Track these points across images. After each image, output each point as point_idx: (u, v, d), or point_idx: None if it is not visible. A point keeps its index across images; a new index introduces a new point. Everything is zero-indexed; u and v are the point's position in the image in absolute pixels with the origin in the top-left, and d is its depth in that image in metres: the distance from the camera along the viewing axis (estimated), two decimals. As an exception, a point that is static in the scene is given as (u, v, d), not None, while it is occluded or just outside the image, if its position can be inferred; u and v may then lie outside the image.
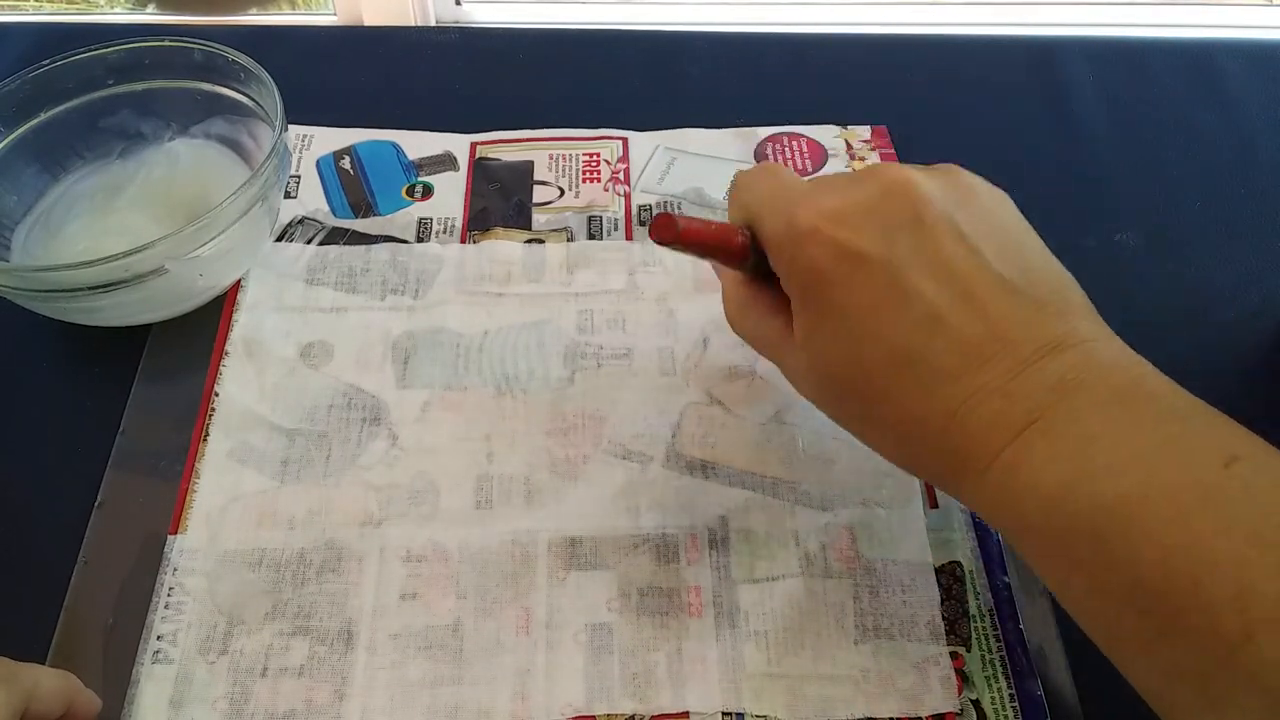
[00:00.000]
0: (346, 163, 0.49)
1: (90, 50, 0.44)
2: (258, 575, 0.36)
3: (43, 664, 0.34)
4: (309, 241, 0.46)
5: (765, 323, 0.29)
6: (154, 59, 0.45)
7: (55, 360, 0.42)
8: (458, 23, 0.96)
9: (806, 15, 0.90)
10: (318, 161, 0.49)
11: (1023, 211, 0.51)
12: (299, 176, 0.48)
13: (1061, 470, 0.24)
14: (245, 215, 0.39)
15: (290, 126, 0.46)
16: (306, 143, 0.50)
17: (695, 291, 0.44)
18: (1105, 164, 0.50)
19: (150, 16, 1.09)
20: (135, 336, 0.42)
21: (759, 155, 0.49)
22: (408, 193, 0.48)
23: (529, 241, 0.46)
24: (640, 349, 0.42)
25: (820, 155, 0.50)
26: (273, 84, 0.42)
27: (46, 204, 0.44)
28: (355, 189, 0.48)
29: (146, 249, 0.36)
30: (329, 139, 0.50)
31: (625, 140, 0.50)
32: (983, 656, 0.34)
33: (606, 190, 0.48)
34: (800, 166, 0.49)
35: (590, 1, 0.97)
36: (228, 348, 0.42)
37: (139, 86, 0.45)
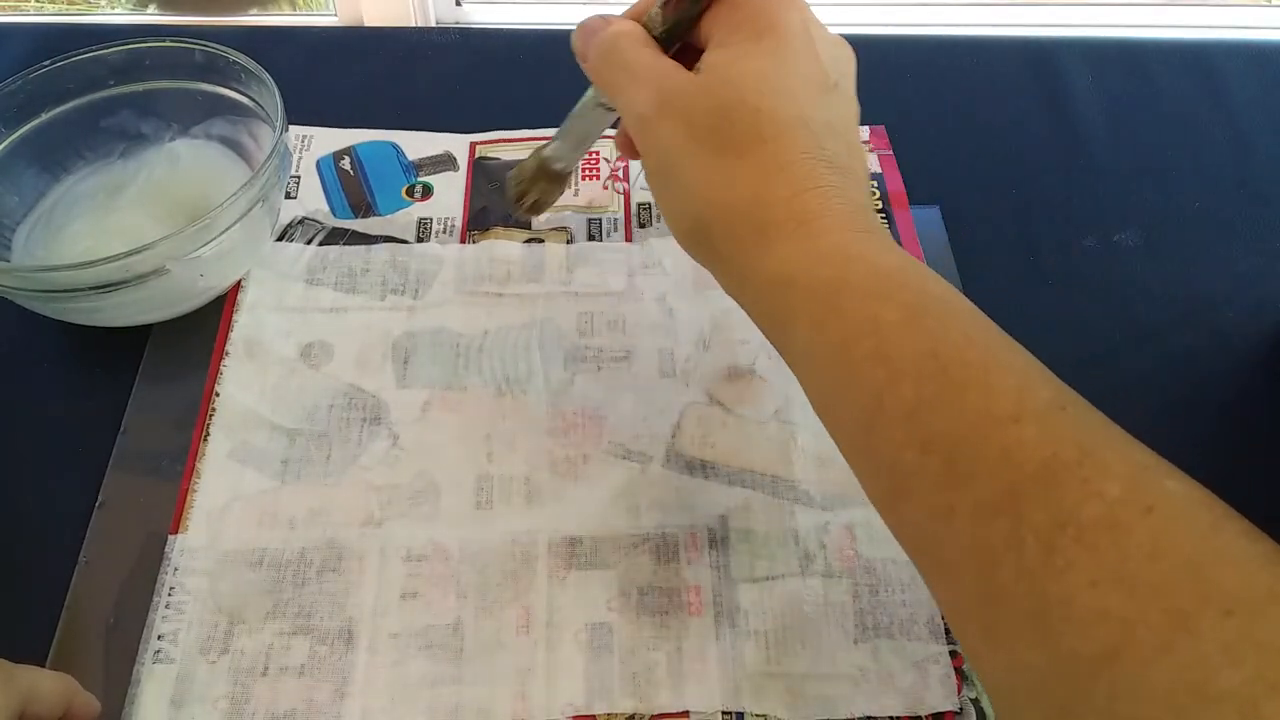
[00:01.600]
0: (346, 163, 0.49)
1: (91, 51, 0.44)
2: (258, 575, 0.36)
3: (44, 664, 0.34)
4: (309, 242, 0.46)
5: (659, 58, 0.33)
6: (155, 59, 0.45)
7: (56, 360, 0.42)
8: (458, 23, 0.96)
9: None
10: (318, 162, 0.49)
11: (1022, 211, 0.51)
12: (299, 177, 0.48)
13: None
14: (246, 216, 0.39)
15: (290, 127, 0.46)
16: (306, 143, 0.50)
17: (695, 292, 0.44)
18: (1104, 164, 0.50)
19: (151, 17, 1.09)
20: (136, 337, 0.42)
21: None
22: (407, 193, 0.48)
23: (529, 241, 0.46)
24: (640, 350, 0.42)
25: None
26: (273, 84, 0.42)
27: (48, 204, 0.44)
28: (355, 189, 0.48)
29: (147, 249, 0.36)
30: (329, 139, 0.50)
31: (625, 140, 0.50)
32: (982, 656, 0.34)
33: (606, 188, 0.48)
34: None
35: (590, 3, 0.97)
36: (228, 348, 0.42)
37: (140, 87, 0.45)
